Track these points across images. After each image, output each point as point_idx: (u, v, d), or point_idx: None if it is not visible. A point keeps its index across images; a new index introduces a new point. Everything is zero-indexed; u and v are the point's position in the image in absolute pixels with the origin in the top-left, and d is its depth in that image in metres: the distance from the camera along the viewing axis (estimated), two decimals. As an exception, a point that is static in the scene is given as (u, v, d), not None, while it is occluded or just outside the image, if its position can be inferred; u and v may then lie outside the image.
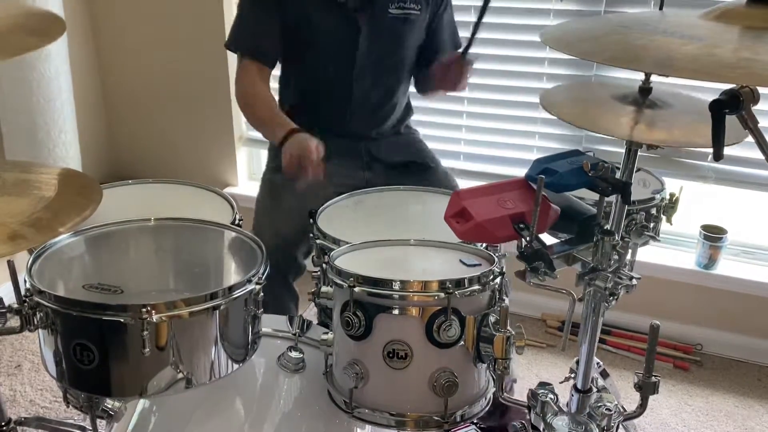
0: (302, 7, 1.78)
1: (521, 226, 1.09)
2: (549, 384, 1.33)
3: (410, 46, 1.88)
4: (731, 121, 0.90)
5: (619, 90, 1.25)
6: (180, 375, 1.08)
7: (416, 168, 1.92)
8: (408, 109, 2.01)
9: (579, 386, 1.30)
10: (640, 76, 1.21)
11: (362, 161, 1.91)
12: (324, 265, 1.21)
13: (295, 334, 1.37)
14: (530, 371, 2.22)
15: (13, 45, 1.00)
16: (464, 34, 2.03)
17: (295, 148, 1.59)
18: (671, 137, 1.16)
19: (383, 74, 1.87)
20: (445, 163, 2.03)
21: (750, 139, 0.93)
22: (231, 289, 1.10)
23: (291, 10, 1.79)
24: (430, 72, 1.87)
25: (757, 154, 0.97)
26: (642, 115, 1.18)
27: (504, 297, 1.17)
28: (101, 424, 1.28)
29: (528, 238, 1.08)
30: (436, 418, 1.14)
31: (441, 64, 1.83)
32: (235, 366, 1.16)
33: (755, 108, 0.91)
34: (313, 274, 1.33)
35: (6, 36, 1.01)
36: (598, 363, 1.38)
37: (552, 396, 1.29)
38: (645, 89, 1.20)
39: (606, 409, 1.26)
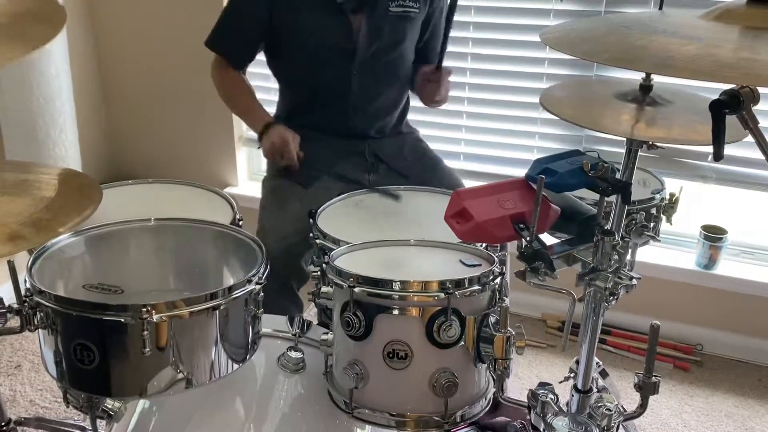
0: (295, 10, 1.79)
1: (521, 226, 1.09)
2: (549, 384, 1.33)
3: (408, 44, 1.88)
4: (731, 119, 0.90)
5: (619, 88, 1.25)
6: (180, 375, 1.08)
7: (419, 169, 1.93)
8: (407, 106, 2.02)
9: (579, 386, 1.30)
10: (641, 75, 1.21)
11: (366, 163, 1.91)
12: (324, 265, 1.21)
13: (295, 335, 1.37)
14: (530, 371, 2.22)
15: (24, 37, 0.99)
16: (460, 34, 2.04)
17: (276, 137, 1.79)
18: (671, 135, 1.16)
19: (382, 72, 1.88)
20: (446, 163, 2.03)
21: (750, 138, 0.93)
22: (231, 289, 1.10)
23: (283, 14, 1.80)
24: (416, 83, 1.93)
25: (757, 154, 0.98)
26: (643, 113, 1.18)
27: (504, 297, 1.17)
28: (101, 424, 1.27)
29: (528, 238, 1.08)
30: (436, 418, 1.14)
31: (420, 76, 1.88)
32: (235, 366, 1.16)
33: (755, 108, 0.91)
34: (313, 274, 1.33)
35: (13, 27, 1.01)
36: (597, 363, 1.38)
37: (552, 396, 1.29)
38: (646, 87, 1.20)
39: (606, 409, 1.27)
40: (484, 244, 1.28)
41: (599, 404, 1.28)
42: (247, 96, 1.93)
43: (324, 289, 1.20)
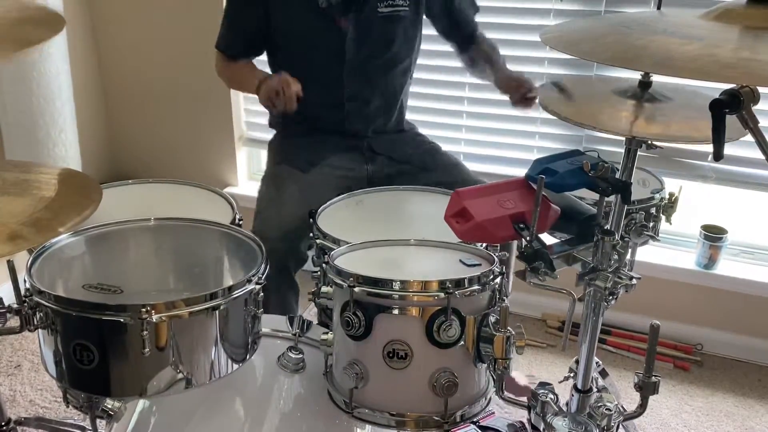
0: (286, 14, 1.80)
1: (521, 226, 1.09)
2: (549, 384, 1.33)
3: (401, 44, 1.87)
4: (730, 119, 0.90)
5: (618, 84, 1.25)
6: (180, 375, 1.08)
7: (419, 157, 1.93)
8: (404, 105, 2.02)
9: (579, 386, 1.30)
10: (641, 74, 1.21)
11: (364, 156, 1.91)
12: (324, 265, 1.21)
13: (295, 334, 1.37)
14: (530, 371, 2.22)
15: (17, 39, 1.00)
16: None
17: (276, 80, 1.70)
18: (670, 132, 1.16)
19: (376, 74, 1.87)
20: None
21: (750, 138, 0.93)
22: (231, 289, 1.10)
23: (277, 16, 1.81)
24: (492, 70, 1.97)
25: (757, 154, 0.98)
26: (641, 110, 1.18)
27: (504, 297, 1.17)
28: (101, 424, 1.28)
29: (528, 238, 1.08)
30: (436, 418, 1.14)
31: (517, 92, 1.86)
32: (235, 366, 1.16)
33: (755, 108, 0.91)
34: (313, 274, 1.33)
35: (8, 30, 1.01)
36: (597, 363, 1.38)
37: (552, 396, 1.29)
38: (645, 83, 1.20)
39: (606, 409, 1.27)
40: (484, 244, 1.28)
41: (599, 404, 1.28)
42: (248, 66, 1.92)
43: (324, 288, 1.20)
